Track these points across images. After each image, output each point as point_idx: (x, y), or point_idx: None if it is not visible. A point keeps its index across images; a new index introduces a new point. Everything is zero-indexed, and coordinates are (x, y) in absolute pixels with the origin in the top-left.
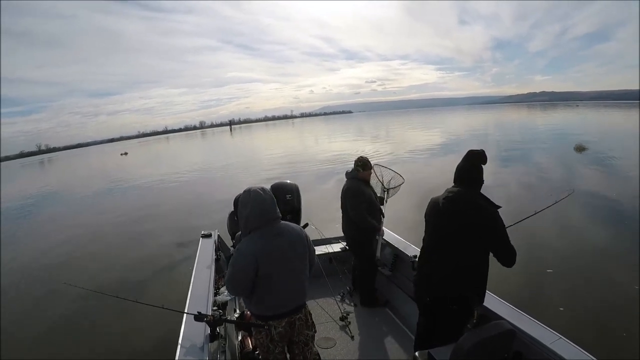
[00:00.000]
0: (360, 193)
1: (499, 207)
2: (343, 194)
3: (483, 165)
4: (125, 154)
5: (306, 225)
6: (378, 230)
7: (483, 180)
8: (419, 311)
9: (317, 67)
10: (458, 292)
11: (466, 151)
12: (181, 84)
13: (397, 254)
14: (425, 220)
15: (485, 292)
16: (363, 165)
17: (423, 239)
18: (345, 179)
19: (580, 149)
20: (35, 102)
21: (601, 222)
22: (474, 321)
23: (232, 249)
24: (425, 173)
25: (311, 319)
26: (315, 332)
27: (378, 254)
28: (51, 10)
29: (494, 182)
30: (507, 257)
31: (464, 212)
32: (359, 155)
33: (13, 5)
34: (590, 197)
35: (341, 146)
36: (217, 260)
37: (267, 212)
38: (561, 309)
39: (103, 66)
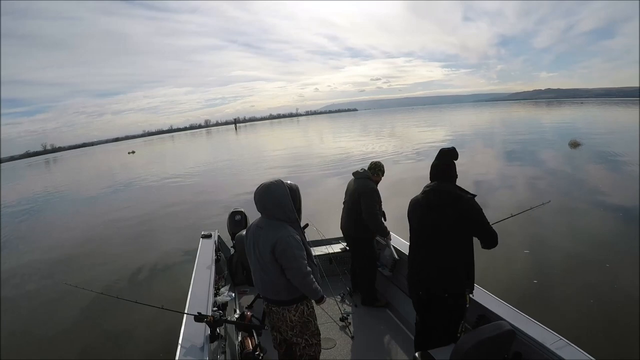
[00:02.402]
0: (376, 194)
1: (475, 195)
2: (352, 192)
3: (455, 161)
4: (133, 152)
5: (306, 225)
6: (387, 235)
7: (457, 175)
8: (415, 310)
9: (322, 65)
10: (445, 283)
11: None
12: (186, 83)
13: (397, 254)
14: (408, 219)
15: (473, 277)
16: (379, 169)
17: (409, 239)
18: (353, 178)
19: (574, 144)
20: (40, 102)
21: (592, 218)
22: (467, 319)
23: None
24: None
25: (295, 323)
26: (306, 340)
27: (396, 256)
28: (51, 10)
29: (481, 178)
30: (489, 240)
31: (443, 206)
32: (367, 159)
33: (14, 5)
34: (576, 191)
35: (345, 145)
36: (217, 260)
37: (257, 203)
38: (535, 281)
39: (107, 67)
